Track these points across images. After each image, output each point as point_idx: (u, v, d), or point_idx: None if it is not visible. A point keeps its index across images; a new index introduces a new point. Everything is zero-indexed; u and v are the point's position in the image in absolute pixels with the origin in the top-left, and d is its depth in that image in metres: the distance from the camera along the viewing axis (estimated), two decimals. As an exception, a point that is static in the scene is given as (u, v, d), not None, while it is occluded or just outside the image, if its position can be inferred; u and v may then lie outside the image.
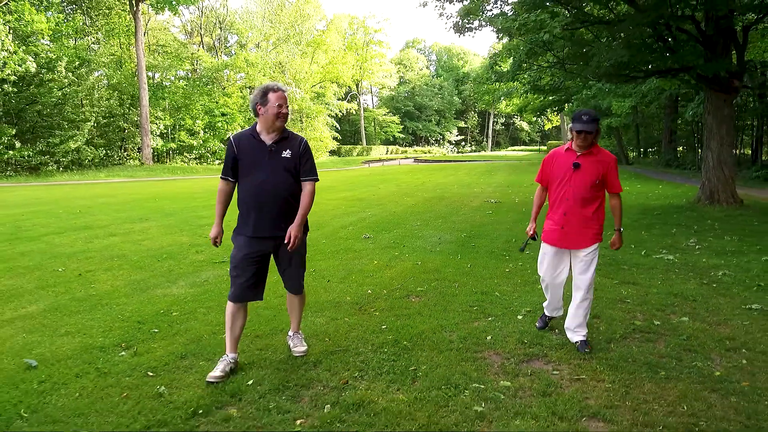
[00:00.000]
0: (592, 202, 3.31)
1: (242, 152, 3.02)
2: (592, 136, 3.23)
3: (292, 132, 3.12)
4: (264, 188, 2.98)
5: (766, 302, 4.35)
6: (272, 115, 2.96)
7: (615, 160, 3.34)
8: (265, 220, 3.01)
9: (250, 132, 3.07)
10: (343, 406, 2.61)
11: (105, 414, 2.57)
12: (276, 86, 3.00)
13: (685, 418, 2.48)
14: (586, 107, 29.25)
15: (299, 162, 3.06)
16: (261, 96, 2.97)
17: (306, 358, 3.24)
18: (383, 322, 3.87)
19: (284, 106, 2.97)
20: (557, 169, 3.38)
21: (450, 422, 2.45)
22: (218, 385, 2.84)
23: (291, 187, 3.05)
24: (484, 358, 3.20)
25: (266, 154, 3.00)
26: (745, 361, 3.16)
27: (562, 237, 3.36)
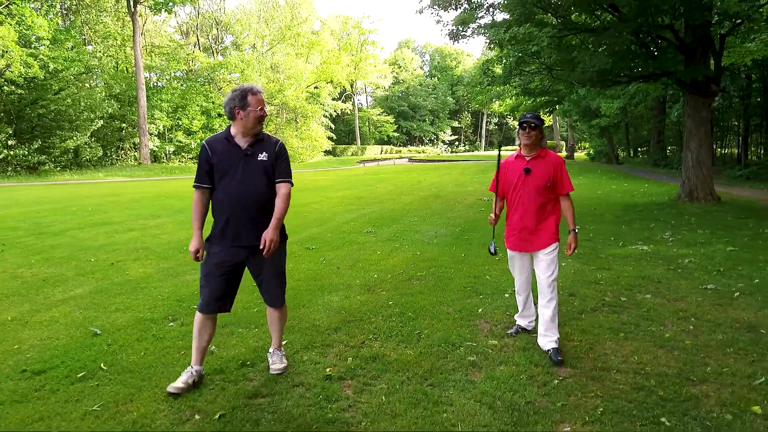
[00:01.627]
0: (546, 204, 3.39)
1: (217, 157, 2.90)
2: (536, 132, 3.33)
3: (266, 133, 3.02)
4: (241, 194, 2.87)
5: (722, 283, 5.02)
6: (253, 119, 2.87)
7: (563, 161, 3.45)
8: (243, 228, 2.89)
9: (224, 135, 2.95)
10: (363, 359, 3.24)
11: (170, 365, 3.19)
12: (254, 89, 2.90)
13: (634, 366, 3.13)
14: (577, 108, 30.11)
15: (275, 164, 2.95)
16: (240, 99, 2.86)
17: (326, 324, 3.86)
18: (390, 299, 4.51)
19: (264, 108, 2.90)
20: (509, 176, 3.47)
21: (449, 368, 3.09)
22: (259, 344, 3.46)
23: (270, 192, 2.94)
24: (476, 325, 3.85)
25: (242, 158, 2.89)
26: (692, 327, 3.81)
27: (521, 241, 3.43)
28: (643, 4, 9.92)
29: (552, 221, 3.41)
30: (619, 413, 2.57)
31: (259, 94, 2.90)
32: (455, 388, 2.83)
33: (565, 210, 3.46)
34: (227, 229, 2.89)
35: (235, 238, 2.89)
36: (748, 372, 3.02)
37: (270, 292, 3.07)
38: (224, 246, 2.90)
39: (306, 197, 14.59)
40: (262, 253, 2.83)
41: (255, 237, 2.87)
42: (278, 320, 3.17)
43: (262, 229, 2.86)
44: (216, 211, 2.94)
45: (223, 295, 2.96)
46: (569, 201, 3.45)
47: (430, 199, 13.84)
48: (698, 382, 2.90)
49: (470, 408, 2.62)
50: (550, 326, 3.33)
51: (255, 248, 2.88)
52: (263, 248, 2.83)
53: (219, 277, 2.91)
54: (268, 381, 2.96)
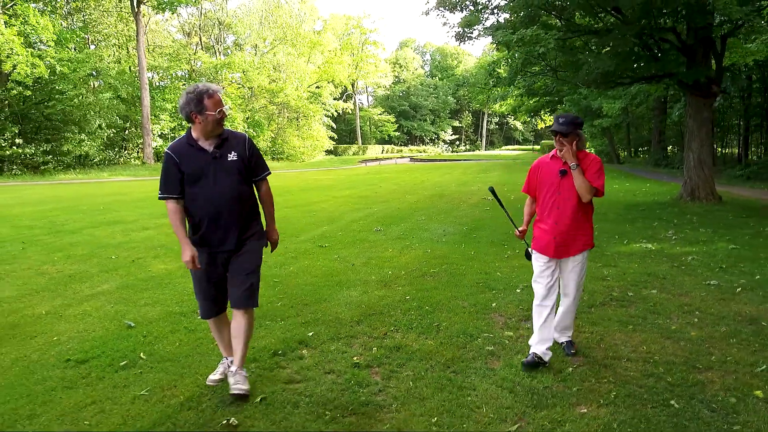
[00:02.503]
0: (582, 209, 3.21)
1: (185, 164, 2.77)
2: (569, 140, 3.13)
3: (229, 130, 2.89)
4: (219, 198, 2.77)
5: (724, 279, 5.21)
6: (212, 122, 2.73)
7: (599, 163, 3.21)
8: (227, 231, 2.81)
9: (185, 141, 2.82)
10: (387, 348, 3.43)
11: (206, 355, 3.38)
12: (210, 90, 2.73)
13: (643, 354, 3.33)
14: (578, 108, 30.31)
15: (249, 162, 2.87)
16: (196, 103, 2.70)
17: (348, 317, 4.05)
18: (406, 294, 4.70)
19: (222, 110, 2.74)
20: (544, 178, 3.28)
21: (469, 357, 3.29)
22: (287, 335, 3.65)
23: (245, 192, 2.88)
24: (492, 318, 4.04)
25: (211, 162, 2.77)
26: (697, 319, 4.01)
27: (554, 247, 3.22)
28: (645, 7, 10.11)
29: (588, 225, 3.27)
30: (631, 397, 2.76)
31: (216, 95, 2.74)
32: (477, 375, 3.03)
33: None
34: (210, 235, 2.81)
35: (220, 243, 2.82)
36: (750, 360, 3.22)
37: (242, 289, 2.83)
38: (207, 252, 2.83)
39: (312, 196, 14.78)
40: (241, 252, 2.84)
41: (239, 239, 2.83)
42: (245, 330, 2.87)
43: (245, 230, 2.85)
44: (194, 218, 2.83)
45: (217, 299, 2.96)
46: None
47: (435, 198, 14.03)
48: (704, 370, 3.10)
49: (492, 392, 2.81)
50: (569, 326, 3.41)
51: (235, 250, 2.84)
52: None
53: (208, 283, 2.89)
54: (301, 369, 3.15)
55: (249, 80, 41.99)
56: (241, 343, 2.87)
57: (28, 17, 25.62)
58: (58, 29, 27.03)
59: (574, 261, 3.25)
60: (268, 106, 45.50)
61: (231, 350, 2.96)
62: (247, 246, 2.88)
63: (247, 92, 43.91)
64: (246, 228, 2.87)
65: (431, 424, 2.49)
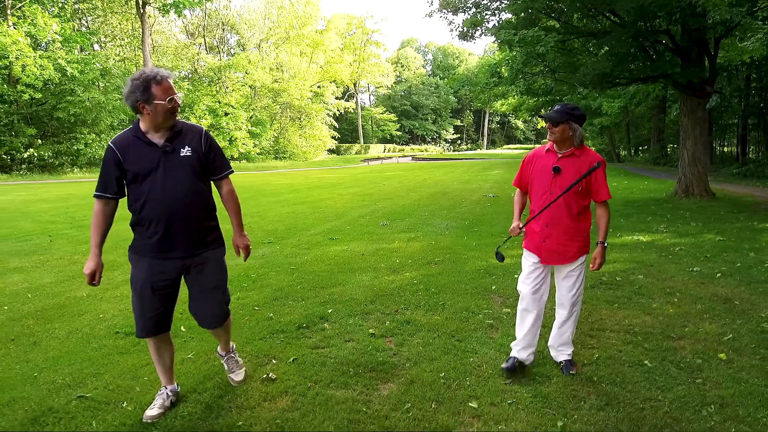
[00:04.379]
0: (577, 212, 2.89)
1: (130, 160, 2.44)
2: (559, 129, 2.82)
3: (183, 122, 2.58)
4: (169, 198, 2.45)
5: (707, 267, 5.64)
6: (162, 112, 2.41)
7: (602, 162, 2.87)
8: (176, 236, 2.48)
9: (132, 134, 2.49)
10: (398, 322, 3.88)
11: (239, 328, 3.83)
12: (158, 75, 2.40)
13: (625, 327, 3.76)
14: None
15: (205, 158, 2.57)
16: (142, 91, 2.37)
17: (362, 298, 4.49)
18: (413, 279, 5.15)
19: (174, 98, 2.42)
20: (537, 173, 2.98)
21: (471, 328, 3.73)
22: (308, 311, 4.10)
23: (201, 191, 2.55)
24: (491, 298, 4.49)
25: (161, 157, 2.46)
26: (676, 299, 4.44)
27: (545, 252, 2.94)
28: (641, 10, 10.53)
29: (582, 231, 2.95)
30: (611, 358, 3.20)
31: (166, 81, 2.41)
32: (478, 342, 3.47)
33: (599, 219, 2.98)
34: (157, 240, 2.48)
35: (167, 249, 2.49)
36: (719, 332, 3.65)
37: (209, 310, 2.63)
38: (154, 259, 2.51)
39: (319, 194, 15.23)
40: (201, 263, 2.56)
41: (191, 245, 2.52)
42: (223, 333, 2.85)
43: (199, 235, 2.55)
44: (140, 220, 2.50)
45: (161, 315, 2.57)
46: (605, 209, 2.97)
47: (438, 195, 14.47)
48: (677, 338, 3.53)
49: (492, 355, 3.25)
50: (567, 341, 3.06)
51: (192, 257, 2.54)
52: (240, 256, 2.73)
53: (154, 297, 2.52)
54: (324, 338, 3.59)
55: (252, 79, 42.43)
56: (223, 338, 2.87)
57: (36, 19, 26.10)
58: (67, 32, 27.46)
59: (568, 268, 2.95)
60: (271, 105, 45.99)
61: (171, 377, 2.72)
62: (207, 256, 2.58)
63: (250, 92, 44.38)
64: (202, 233, 2.55)
65: (439, 378, 2.93)
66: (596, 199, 2.94)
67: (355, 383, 2.88)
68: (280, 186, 18.97)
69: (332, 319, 3.98)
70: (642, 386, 2.83)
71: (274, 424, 2.46)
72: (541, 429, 2.41)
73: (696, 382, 2.87)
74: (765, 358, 3.18)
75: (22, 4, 26.51)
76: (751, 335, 3.55)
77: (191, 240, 2.53)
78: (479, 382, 2.89)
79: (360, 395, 2.74)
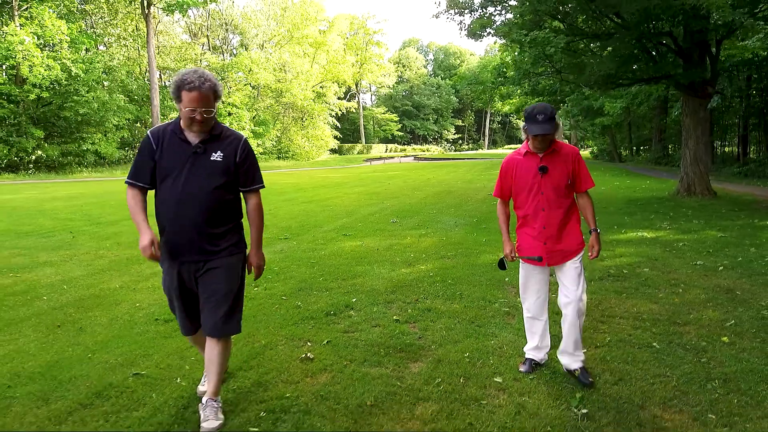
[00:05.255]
0: (569, 206, 2.93)
1: (163, 152, 2.43)
2: (551, 137, 2.82)
3: (226, 128, 2.53)
4: (184, 199, 2.38)
5: (710, 261, 5.88)
6: (185, 118, 2.37)
7: (578, 152, 2.95)
8: (186, 241, 2.42)
9: (172, 128, 2.45)
10: (420, 310, 4.13)
11: (270, 315, 4.08)
12: (191, 82, 2.31)
13: (633, 314, 4.01)
14: (579, 107, 30.91)
15: (236, 168, 2.48)
16: (175, 89, 2.35)
17: (383, 288, 4.74)
18: (429, 271, 5.40)
19: (199, 111, 2.32)
20: (521, 178, 2.92)
21: (489, 315, 3.98)
22: (333, 301, 4.34)
23: (220, 199, 2.44)
24: (506, 289, 4.74)
25: (190, 157, 2.40)
26: (681, 290, 4.69)
27: (546, 254, 2.92)
28: (645, 12, 10.78)
29: (577, 224, 2.98)
30: (622, 341, 3.45)
31: (195, 92, 2.30)
32: (497, 327, 3.72)
33: (584, 208, 3.02)
34: (170, 243, 2.45)
35: (178, 254, 2.44)
36: (722, 318, 3.90)
37: (214, 316, 2.44)
38: (170, 262, 2.47)
39: (326, 193, 15.48)
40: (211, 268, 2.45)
41: (201, 251, 2.43)
42: (218, 356, 2.50)
43: (215, 241, 2.44)
44: (159, 219, 2.49)
45: (190, 316, 2.56)
46: (588, 197, 3.00)
47: (443, 194, 14.71)
48: (682, 324, 3.78)
49: (510, 337, 3.50)
50: (578, 344, 2.93)
51: (202, 263, 2.45)
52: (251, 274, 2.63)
53: (178, 299, 2.52)
54: (352, 324, 3.84)
55: (255, 79, 42.70)
56: (215, 370, 2.50)
57: (44, 20, 26.37)
58: (74, 33, 27.71)
59: (572, 265, 2.92)
60: (274, 105, 46.26)
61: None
62: (218, 261, 2.45)
63: (253, 92, 44.65)
64: (217, 239, 2.45)
65: (464, 357, 3.18)
66: (581, 189, 2.96)
67: (387, 362, 3.13)
68: (287, 185, 19.23)
69: (357, 308, 4.22)
70: (651, 365, 3.07)
71: (318, 396, 2.70)
72: (561, 399, 2.65)
73: (701, 362, 3.12)
74: (765, 341, 3.43)
75: (29, 5, 26.77)
76: (752, 321, 3.80)
77: (202, 244, 2.42)
78: (501, 361, 3.14)
79: (393, 372, 2.99)
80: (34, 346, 3.53)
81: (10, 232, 8.44)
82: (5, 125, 25.14)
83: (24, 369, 3.14)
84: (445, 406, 2.59)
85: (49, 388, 2.88)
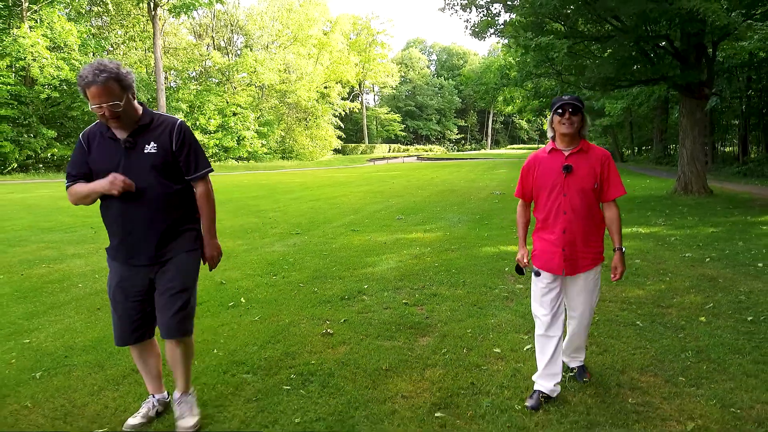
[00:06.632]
0: (593, 212, 2.66)
1: (94, 153, 2.29)
2: (579, 117, 2.59)
3: (159, 114, 2.35)
4: (127, 201, 2.23)
5: (698, 253, 6.25)
6: (98, 116, 2.20)
7: (610, 156, 2.71)
8: (137, 242, 2.28)
9: (98, 127, 2.31)
10: (426, 295, 4.52)
11: (290, 299, 4.47)
12: (85, 77, 2.12)
13: (621, 298, 4.39)
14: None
15: (174, 156, 2.30)
16: (80, 89, 2.17)
17: (391, 276, 5.12)
18: (434, 262, 5.79)
19: (105, 106, 2.14)
20: (543, 177, 2.68)
21: (490, 299, 4.37)
22: (346, 287, 4.73)
23: (165, 193, 2.29)
24: (505, 278, 5.12)
25: (122, 154, 2.25)
26: (668, 278, 5.06)
27: (564, 261, 2.65)
28: (642, 16, 11.14)
29: (600, 234, 2.72)
30: (609, 321, 3.83)
31: (94, 87, 2.11)
32: (497, 309, 4.11)
33: (610, 222, 2.72)
34: (120, 246, 2.32)
35: (131, 256, 2.31)
36: (702, 302, 4.27)
37: (167, 315, 2.31)
38: (123, 264, 2.34)
39: (332, 191, 15.89)
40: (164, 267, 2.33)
41: (158, 254, 2.30)
42: (181, 357, 2.41)
43: (167, 240, 2.31)
44: (106, 223, 2.36)
45: (138, 323, 2.38)
46: (616, 209, 2.71)
47: (446, 193, 15.10)
48: (666, 306, 4.16)
49: (509, 317, 3.89)
50: (580, 347, 2.91)
51: (157, 264, 2.32)
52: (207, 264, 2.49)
53: (126, 303, 2.35)
54: (365, 306, 4.23)
55: (260, 79, 43.15)
56: (182, 370, 2.43)
57: (53, 22, 26.86)
58: (83, 36, 28.21)
59: (586, 278, 2.69)
60: (278, 105, 46.73)
61: (158, 385, 2.55)
62: (173, 259, 2.34)
63: (258, 92, 45.12)
64: (169, 237, 2.32)
65: (467, 333, 3.57)
66: (609, 197, 2.66)
67: (398, 336, 3.52)
68: (293, 184, 19.65)
69: (369, 293, 4.61)
70: (633, 339, 3.46)
71: (340, 363, 3.09)
72: (552, 366, 3.03)
73: (678, 337, 3.50)
74: (738, 320, 3.80)
75: (39, 8, 27.27)
76: (729, 304, 4.17)
77: (155, 246, 2.29)
78: (500, 336, 3.53)
79: (404, 344, 3.38)
80: (79, 325, 3.93)
81: (34, 228, 8.87)
82: (15, 126, 25.64)
83: (75, 343, 3.54)
84: (451, 371, 2.98)
85: (102, 358, 3.28)
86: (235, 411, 2.56)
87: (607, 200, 2.68)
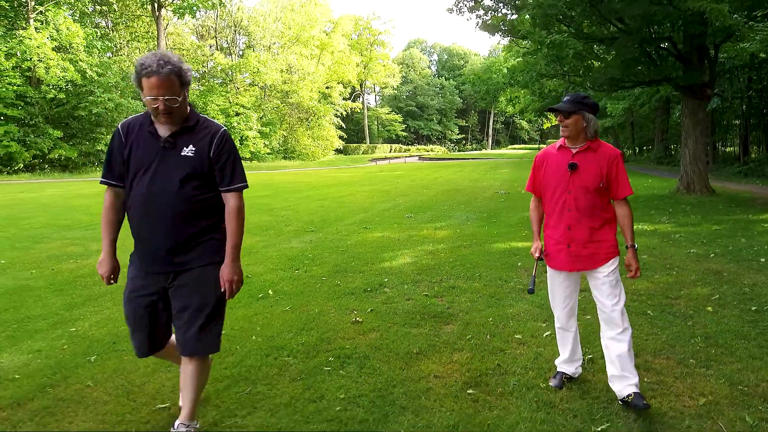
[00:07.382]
0: (600, 210, 2.67)
1: (132, 147, 2.19)
2: (572, 121, 2.61)
3: (205, 118, 2.27)
4: (151, 200, 2.14)
5: (703, 249, 6.47)
6: (149, 109, 2.13)
7: (620, 156, 2.69)
8: (155, 249, 2.18)
9: (142, 119, 2.22)
10: (445, 288, 4.74)
11: (316, 291, 4.69)
12: (148, 66, 2.04)
13: (631, 290, 4.60)
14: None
15: (210, 164, 2.20)
16: (135, 78, 2.10)
17: (410, 271, 5.34)
18: (449, 258, 6.01)
19: (160, 99, 2.06)
20: (550, 173, 2.74)
21: (506, 291, 4.60)
22: (369, 280, 4.96)
23: (191, 199, 2.17)
24: (519, 271, 5.35)
25: (159, 152, 2.16)
26: (675, 272, 5.29)
27: (570, 258, 2.68)
28: (647, 18, 11.37)
29: (610, 229, 2.71)
30: (621, 311, 4.05)
31: (154, 78, 2.03)
32: (513, 300, 4.34)
33: (622, 219, 2.72)
34: (139, 250, 2.24)
35: (148, 262, 2.22)
36: (708, 294, 4.50)
37: (189, 331, 2.17)
38: (139, 270, 2.25)
39: (338, 191, 16.11)
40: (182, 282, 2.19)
41: (173, 263, 2.18)
42: (195, 377, 2.26)
43: (186, 249, 2.18)
44: (128, 221, 2.26)
45: (152, 335, 2.27)
46: (626, 207, 2.71)
47: (451, 192, 15.32)
48: (674, 298, 4.38)
49: (526, 307, 4.12)
50: (626, 365, 2.62)
51: (171, 273, 2.20)
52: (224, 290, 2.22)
53: (138, 311, 2.23)
54: (387, 298, 4.45)
55: (263, 79, 43.37)
56: (191, 393, 2.27)
57: (59, 23, 27.07)
58: (89, 37, 28.42)
59: (603, 274, 2.66)
60: (281, 106, 46.97)
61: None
62: (190, 272, 2.20)
63: (260, 93, 45.36)
64: (189, 245, 2.19)
65: (488, 321, 3.80)
66: (617, 196, 2.67)
67: (424, 324, 3.75)
68: (299, 184, 19.88)
69: (390, 286, 4.84)
70: (645, 327, 3.68)
71: (373, 347, 3.32)
72: (571, 350, 3.26)
73: (687, 324, 3.72)
74: (743, 310, 4.03)
75: (45, 8, 27.48)
76: (734, 296, 4.40)
77: (169, 253, 2.16)
78: (520, 324, 3.75)
79: (430, 331, 3.61)
80: (119, 315, 4.14)
81: (53, 226, 9.09)
82: (22, 126, 25.85)
83: (120, 331, 3.76)
84: (477, 354, 3.20)
85: (147, 343, 3.50)
86: (283, 388, 2.78)
87: (615, 198, 2.70)
